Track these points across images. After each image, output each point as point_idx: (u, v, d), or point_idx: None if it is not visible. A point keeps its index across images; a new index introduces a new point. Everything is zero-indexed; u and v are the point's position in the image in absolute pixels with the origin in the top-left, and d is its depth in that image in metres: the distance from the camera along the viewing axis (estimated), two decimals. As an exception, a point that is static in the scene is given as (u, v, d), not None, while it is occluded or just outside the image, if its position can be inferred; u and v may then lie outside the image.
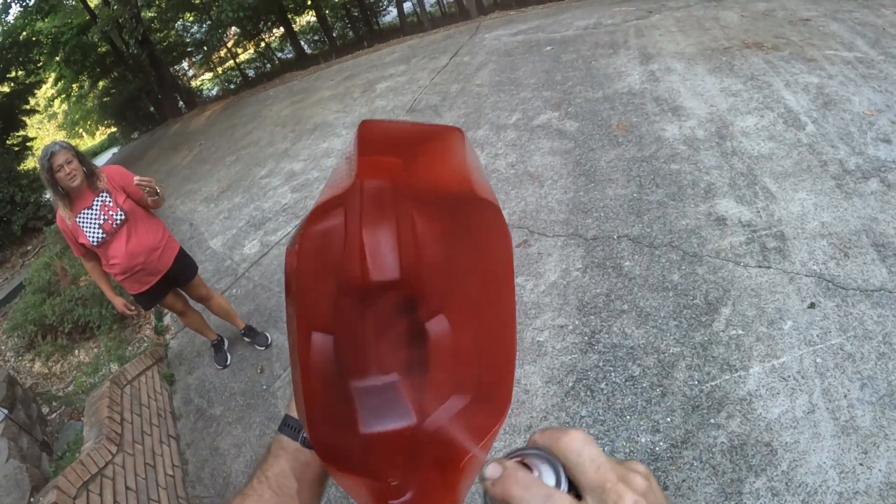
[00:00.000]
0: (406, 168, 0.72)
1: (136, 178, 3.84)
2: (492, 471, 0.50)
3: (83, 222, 3.88)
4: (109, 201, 3.95)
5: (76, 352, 6.29)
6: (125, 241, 4.00)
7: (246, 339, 5.20)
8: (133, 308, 4.53)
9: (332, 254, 0.71)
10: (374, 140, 0.67)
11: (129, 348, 5.84)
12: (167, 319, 6.27)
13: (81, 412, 4.87)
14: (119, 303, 4.40)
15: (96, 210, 3.90)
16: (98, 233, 3.90)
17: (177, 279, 4.47)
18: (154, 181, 3.87)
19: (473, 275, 0.72)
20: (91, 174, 3.91)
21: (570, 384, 3.54)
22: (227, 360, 5.12)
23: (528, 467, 0.51)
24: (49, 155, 3.68)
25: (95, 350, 6.12)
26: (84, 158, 3.93)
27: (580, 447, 0.50)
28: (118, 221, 3.96)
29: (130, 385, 4.81)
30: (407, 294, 0.73)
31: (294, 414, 0.87)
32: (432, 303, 0.74)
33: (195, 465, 4.32)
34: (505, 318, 0.69)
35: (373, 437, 0.71)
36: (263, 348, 5.09)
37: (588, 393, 3.45)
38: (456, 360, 0.72)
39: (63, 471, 3.64)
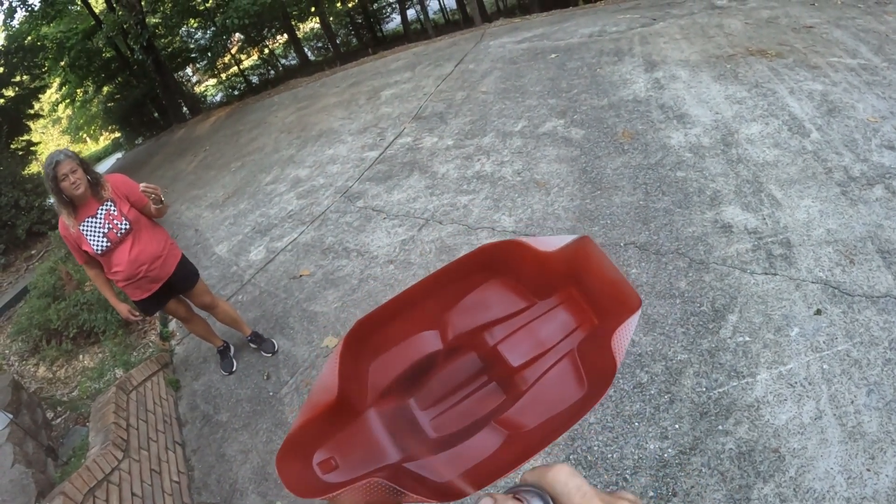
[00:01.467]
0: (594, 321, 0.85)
1: (142, 185, 3.79)
2: (485, 502, 0.53)
3: (87, 231, 3.89)
4: (114, 210, 3.95)
5: (81, 357, 6.30)
6: (128, 250, 4.00)
7: (252, 346, 5.18)
8: (137, 314, 4.47)
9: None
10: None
11: (135, 354, 5.84)
12: (172, 325, 6.28)
13: (87, 417, 4.89)
14: (123, 309, 4.36)
15: (100, 219, 3.90)
16: (102, 242, 3.91)
17: (178, 287, 4.46)
18: (159, 189, 3.85)
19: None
20: (96, 183, 3.90)
21: (578, 390, 3.55)
22: (232, 367, 5.12)
23: (520, 501, 0.54)
24: (54, 164, 3.67)
25: (100, 355, 6.13)
26: (88, 167, 3.92)
27: (566, 478, 0.53)
28: (122, 231, 3.96)
29: (136, 391, 4.82)
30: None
31: None
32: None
33: (201, 471, 4.32)
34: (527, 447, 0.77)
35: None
36: (270, 355, 5.08)
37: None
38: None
39: (69, 476, 3.64)
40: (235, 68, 28.18)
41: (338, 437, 0.79)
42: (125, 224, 3.97)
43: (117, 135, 29.94)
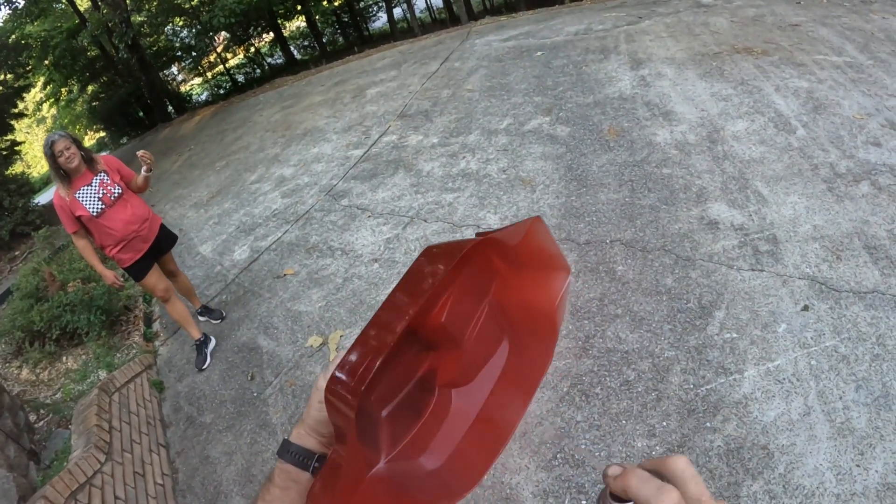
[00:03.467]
0: (507, 276, 0.90)
1: (140, 151, 4.58)
2: (614, 470, 0.58)
3: (82, 197, 4.42)
4: (108, 179, 4.57)
5: (64, 358, 6.23)
6: (123, 211, 4.59)
7: (202, 318, 5.77)
8: (122, 281, 4.89)
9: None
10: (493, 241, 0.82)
11: (118, 355, 5.78)
12: (156, 326, 6.23)
13: (69, 420, 4.82)
14: (110, 275, 4.72)
15: (95, 186, 4.49)
16: (98, 204, 4.46)
17: (163, 246, 5.05)
18: (152, 157, 4.62)
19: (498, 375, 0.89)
20: (89, 159, 4.54)
21: (565, 389, 3.53)
22: (205, 363, 5.20)
23: None
24: (51, 143, 4.28)
25: (84, 357, 6.06)
26: (81, 145, 4.52)
27: (685, 466, 0.56)
28: (115, 195, 4.56)
29: (119, 392, 4.77)
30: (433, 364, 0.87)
31: (298, 441, 0.85)
32: (449, 377, 0.87)
33: (185, 473, 4.27)
34: (507, 421, 0.84)
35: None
36: (218, 321, 5.70)
37: (583, 398, 3.44)
38: (441, 430, 0.85)
39: (51, 480, 3.60)
40: (221, 67, 28.07)
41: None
42: (118, 189, 4.59)
43: (102, 134, 29.75)
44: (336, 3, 26.46)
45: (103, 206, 4.49)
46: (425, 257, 0.78)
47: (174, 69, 29.14)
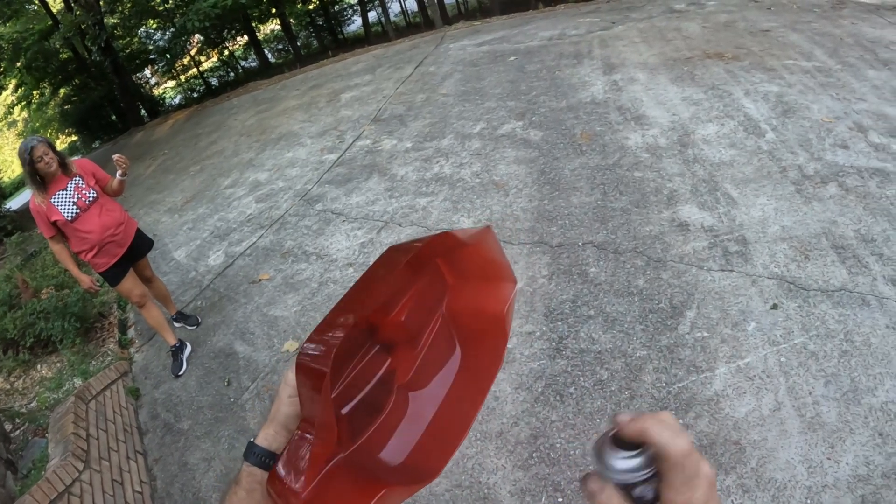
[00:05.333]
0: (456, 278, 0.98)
1: (115, 155, 4.52)
2: (624, 416, 0.60)
3: (58, 202, 4.39)
4: (82, 183, 4.53)
5: (39, 366, 6.12)
6: (98, 215, 4.55)
7: (177, 324, 5.67)
8: (98, 286, 4.91)
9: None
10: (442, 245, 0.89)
11: (94, 362, 5.70)
12: (131, 332, 6.16)
13: (46, 429, 4.75)
14: (86, 280, 4.71)
15: (70, 191, 4.45)
16: (73, 209, 4.43)
17: (138, 251, 5.01)
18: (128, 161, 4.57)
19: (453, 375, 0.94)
20: (64, 163, 4.50)
21: (540, 389, 3.55)
22: (181, 369, 5.14)
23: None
24: (29, 149, 4.24)
25: (59, 365, 5.97)
26: (57, 150, 4.48)
27: (671, 418, 0.59)
28: (90, 199, 4.54)
29: (95, 400, 4.71)
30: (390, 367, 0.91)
31: (265, 442, 0.85)
32: (407, 379, 0.91)
33: (164, 481, 4.22)
34: (463, 418, 0.88)
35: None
36: (194, 328, 5.64)
37: (557, 398, 3.46)
38: (400, 428, 0.88)
39: (29, 489, 3.56)
40: (195, 70, 27.88)
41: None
42: (92, 193, 4.56)
43: (74, 138, 29.30)
44: (311, 7, 26.37)
45: (78, 211, 4.45)
46: (388, 253, 0.83)
47: (147, 72, 28.86)
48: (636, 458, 0.58)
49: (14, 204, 14.92)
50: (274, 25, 27.52)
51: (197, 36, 24.85)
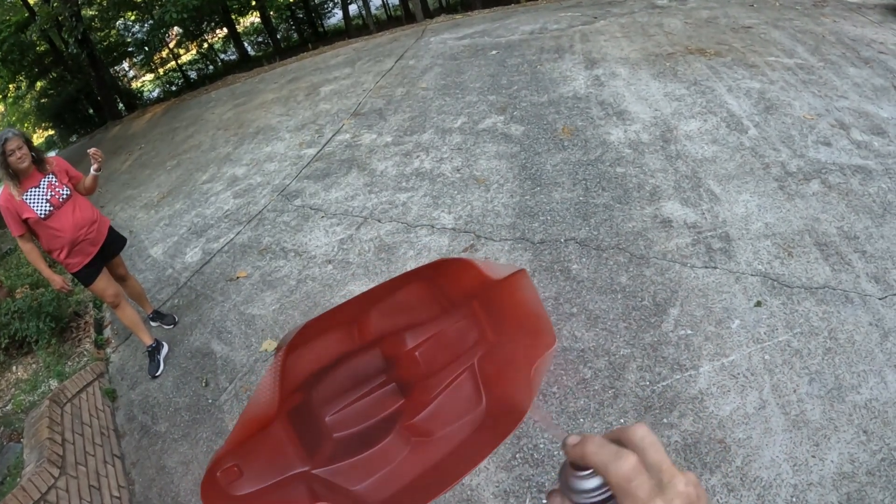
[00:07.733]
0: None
1: (91, 149, 4.45)
2: (572, 439, 0.61)
3: (30, 199, 4.30)
4: (55, 181, 4.44)
5: (14, 368, 5.99)
6: (71, 213, 4.47)
7: (154, 324, 5.56)
8: (70, 286, 4.74)
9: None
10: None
11: (69, 363, 5.58)
12: (107, 332, 6.05)
13: (21, 433, 4.65)
14: (58, 279, 4.57)
15: (43, 188, 4.36)
16: (45, 206, 4.34)
17: (111, 249, 4.92)
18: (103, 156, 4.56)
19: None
20: (39, 159, 4.41)
21: (520, 388, 3.50)
22: (158, 370, 5.04)
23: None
24: (3, 140, 4.12)
25: (34, 366, 5.84)
26: (32, 145, 4.39)
27: (644, 433, 0.58)
28: (63, 197, 4.44)
29: (71, 403, 4.61)
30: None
31: None
32: (413, 426, 0.88)
33: (142, 485, 4.13)
34: (448, 477, 0.81)
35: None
36: (171, 327, 5.54)
37: (540, 397, 3.41)
38: (385, 471, 0.84)
39: (4, 498, 3.49)
40: (173, 63, 27.59)
41: (244, 442, 0.74)
42: (66, 191, 4.47)
43: (51, 132, 28.93)
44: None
45: (51, 209, 4.36)
46: (420, 271, 0.84)
47: (125, 65, 28.52)
48: (592, 478, 0.57)
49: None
50: (254, 18, 27.34)
51: (176, 28, 24.57)
